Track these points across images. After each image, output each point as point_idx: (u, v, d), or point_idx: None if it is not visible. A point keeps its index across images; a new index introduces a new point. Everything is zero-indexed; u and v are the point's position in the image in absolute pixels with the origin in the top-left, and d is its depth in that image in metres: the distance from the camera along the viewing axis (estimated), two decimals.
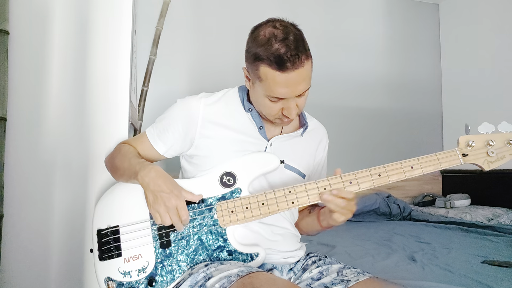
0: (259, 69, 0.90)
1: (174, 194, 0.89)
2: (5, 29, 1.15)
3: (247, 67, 0.97)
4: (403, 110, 3.25)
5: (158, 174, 0.91)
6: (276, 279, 0.79)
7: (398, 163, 0.94)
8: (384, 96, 3.22)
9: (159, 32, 2.43)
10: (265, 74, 0.89)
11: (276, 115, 0.96)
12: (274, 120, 0.98)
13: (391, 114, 3.21)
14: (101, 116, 1.26)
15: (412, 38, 3.35)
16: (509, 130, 0.94)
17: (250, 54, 0.92)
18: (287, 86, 0.89)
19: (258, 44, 0.90)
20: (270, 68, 0.87)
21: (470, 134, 0.95)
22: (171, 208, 0.88)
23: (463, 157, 0.94)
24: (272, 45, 0.87)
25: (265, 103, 0.94)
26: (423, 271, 1.43)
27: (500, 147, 0.94)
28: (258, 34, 0.91)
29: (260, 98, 0.94)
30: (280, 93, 0.90)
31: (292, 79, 0.88)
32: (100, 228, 0.94)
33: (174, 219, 0.88)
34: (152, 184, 0.89)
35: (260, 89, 0.93)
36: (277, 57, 0.86)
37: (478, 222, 2.28)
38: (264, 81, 0.90)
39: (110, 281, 0.90)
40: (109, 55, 1.28)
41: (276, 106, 0.93)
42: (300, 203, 0.93)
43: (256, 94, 0.96)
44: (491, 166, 0.94)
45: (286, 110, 0.93)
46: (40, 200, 1.20)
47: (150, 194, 0.90)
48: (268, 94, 0.91)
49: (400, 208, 2.71)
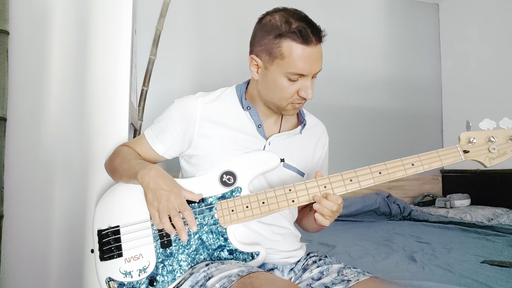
0: (282, 45, 0.90)
1: (174, 192, 0.89)
2: (5, 29, 1.15)
3: (257, 53, 0.96)
4: (403, 110, 3.25)
5: (158, 173, 0.91)
6: (276, 279, 0.79)
7: (398, 160, 0.93)
8: (384, 96, 3.22)
9: (159, 32, 2.43)
10: (289, 49, 0.90)
11: (291, 98, 0.95)
12: (286, 107, 0.97)
13: (391, 114, 3.21)
14: (101, 116, 1.26)
15: (412, 38, 3.35)
16: (510, 126, 0.93)
17: (267, 35, 0.93)
18: (309, 61, 0.91)
19: (276, 25, 0.91)
20: (295, 42, 0.89)
21: (471, 131, 0.95)
22: (171, 206, 0.87)
23: (464, 153, 0.93)
24: (293, 23, 0.90)
25: (282, 84, 0.94)
26: (423, 271, 1.43)
27: (501, 144, 0.93)
28: (272, 18, 0.93)
29: (277, 79, 0.94)
30: (302, 67, 0.91)
31: (314, 55, 0.91)
32: (100, 228, 0.94)
33: (176, 220, 0.87)
34: (152, 183, 0.89)
35: (278, 69, 0.92)
36: (303, 30, 0.89)
37: (478, 222, 2.28)
38: (287, 57, 0.90)
39: (111, 281, 0.90)
40: (109, 55, 1.28)
41: (293, 87, 0.94)
42: (301, 202, 0.93)
43: (269, 79, 0.95)
44: (492, 163, 0.93)
45: (303, 90, 0.94)
46: (40, 200, 1.21)
47: (149, 193, 0.90)
48: (289, 71, 0.91)
49: (400, 208, 2.71)
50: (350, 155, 2.96)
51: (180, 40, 2.74)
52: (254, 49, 0.97)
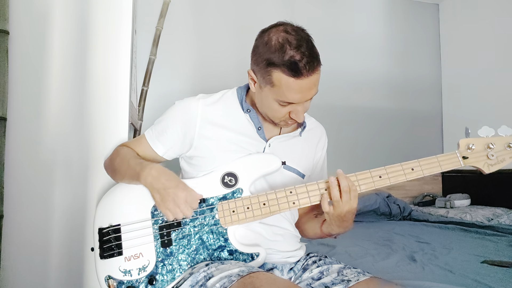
0: (272, 75, 0.89)
1: (180, 188, 0.89)
2: (5, 29, 1.15)
3: (254, 71, 0.95)
4: (403, 110, 3.25)
5: (159, 172, 0.91)
6: (277, 278, 0.80)
7: (399, 165, 0.94)
8: (384, 96, 3.22)
9: (159, 32, 2.43)
10: (279, 80, 0.88)
11: (283, 118, 0.96)
12: (279, 123, 0.99)
13: (391, 114, 3.21)
14: (101, 116, 1.26)
15: (412, 38, 3.35)
16: (508, 133, 0.94)
17: (261, 59, 0.91)
18: (300, 92, 0.89)
19: (271, 50, 0.89)
20: (284, 75, 0.87)
21: (470, 137, 0.96)
22: (181, 202, 0.88)
23: (463, 159, 0.94)
24: (287, 52, 0.87)
25: (274, 107, 0.94)
26: (423, 271, 1.43)
27: (500, 150, 0.94)
28: (270, 39, 0.90)
29: (269, 101, 0.94)
30: (292, 98, 0.90)
31: (305, 85, 0.89)
32: (101, 227, 0.95)
33: (184, 210, 0.89)
34: (155, 183, 0.90)
35: (270, 93, 0.92)
36: (293, 64, 0.86)
37: (478, 222, 2.28)
38: (277, 87, 0.89)
39: (111, 279, 0.90)
40: (109, 55, 1.28)
41: (284, 110, 0.94)
42: (301, 204, 0.93)
43: (263, 98, 0.96)
44: (491, 169, 0.94)
45: (294, 113, 0.94)
46: (40, 200, 1.21)
47: (156, 194, 0.90)
48: (279, 99, 0.91)
49: (400, 208, 2.71)
50: (349, 155, 2.97)
51: (180, 40, 2.74)
52: (252, 63, 0.97)
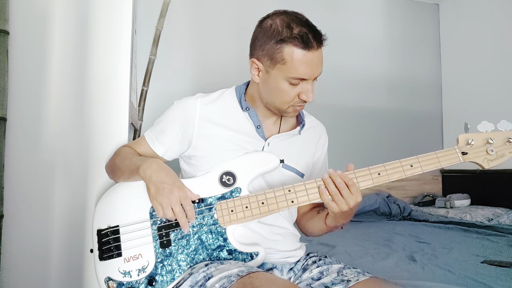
0: (283, 51, 0.90)
1: (176, 186, 0.89)
2: (5, 29, 1.15)
3: (259, 57, 0.96)
4: (403, 110, 3.25)
5: (160, 167, 0.91)
6: (276, 278, 0.79)
7: (397, 162, 0.94)
8: (384, 96, 3.22)
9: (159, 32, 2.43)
10: (290, 55, 0.90)
11: (292, 101, 0.96)
12: (287, 109, 0.98)
13: (391, 114, 3.21)
14: (101, 116, 1.26)
15: (412, 38, 3.35)
16: (508, 128, 0.94)
17: (268, 41, 0.92)
18: (311, 65, 0.91)
19: (277, 30, 0.91)
20: (296, 48, 0.89)
21: (470, 133, 0.95)
22: (174, 200, 0.88)
23: (462, 155, 0.94)
24: (294, 28, 0.90)
25: (284, 88, 0.94)
26: (423, 271, 1.43)
27: (499, 145, 0.94)
28: (274, 21, 0.93)
29: (278, 84, 0.94)
30: (304, 73, 0.91)
31: (315, 59, 0.91)
32: (100, 228, 0.94)
33: (177, 210, 0.88)
34: (154, 176, 0.90)
35: (279, 73, 0.93)
36: (304, 35, 0.89)
37: (478, 222, 2.28)
38: (289, 62, 0.91)
39: (110, 281, 0.90)
40: (109, 55, 1.28)
41: (294, 91, 0.94)
42: (300, 202, 0.93)
43: (271, 83, 0.95)
44: (490, 164, 0.94)
45: (304, 93, 0.94)
46: (40, 200, 1.21)
47: (152, 186, 0.90)
48: (290, 76, 0.92)
49: (400, 208, 2.71)
50: (349, 155, 2.96)
51: (180, 40, 2.74)
52: (254, 52, 0.97)
